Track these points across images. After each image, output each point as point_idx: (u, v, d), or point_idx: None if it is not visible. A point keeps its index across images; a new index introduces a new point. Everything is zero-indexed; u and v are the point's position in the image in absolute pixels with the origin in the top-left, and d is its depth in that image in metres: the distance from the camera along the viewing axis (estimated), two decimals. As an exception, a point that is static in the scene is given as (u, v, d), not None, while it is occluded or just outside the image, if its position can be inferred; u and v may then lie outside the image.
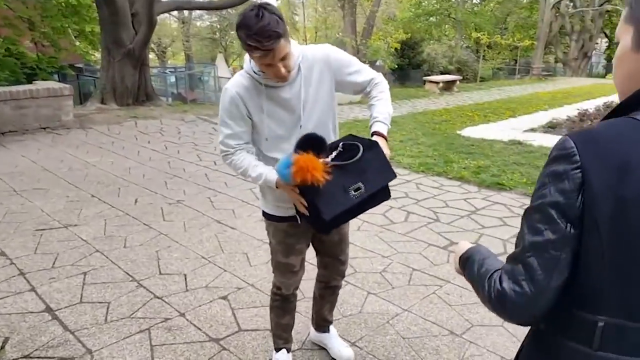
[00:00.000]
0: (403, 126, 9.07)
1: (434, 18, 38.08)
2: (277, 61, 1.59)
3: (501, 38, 26.14)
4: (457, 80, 18.38)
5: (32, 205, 4.60)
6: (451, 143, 7.62)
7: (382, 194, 1.82)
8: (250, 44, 1.52)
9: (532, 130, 9.03)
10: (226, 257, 3.54)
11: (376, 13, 22.56)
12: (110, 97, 10.89)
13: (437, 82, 17.18)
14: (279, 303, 2.20)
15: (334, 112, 1.92)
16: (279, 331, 2.27)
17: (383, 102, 1.88)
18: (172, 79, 16.48)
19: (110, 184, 5.33)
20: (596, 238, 0.78)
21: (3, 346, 2.45)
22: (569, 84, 21.37)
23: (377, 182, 1.74)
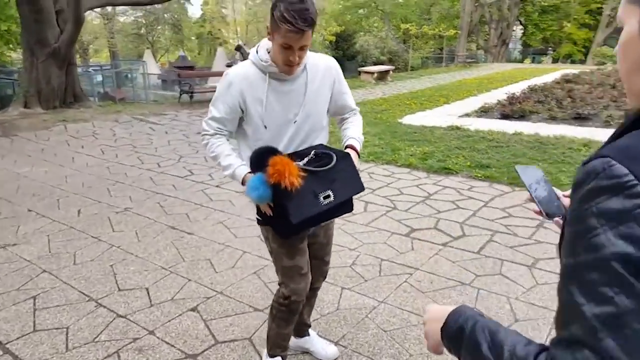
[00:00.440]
0: (346, 117, 9.13)
1: (363, 10, 38.77)
2: (297, 47, 1.61)
3: (427, 28, 27.07)
4: (390, 70, 18.85)
5: (-43, 225, 4.13)
6: (395, 131, 7.78)
7: (346, 206, 1.86)
8: (286, 17, 1.53)
9: (467, 115, 9.43)
10: (188, 266, 3.36)
11: (307, 6, 22.58)
12: (34, 101, 10.11)
13: (372, 73, 17.52)
14: (285, 314, 2.05)
15: (327, 121, 1.95)
16: (279, 340, 2.15)
17: (358, 128, 1.99)
18: (99, 78, 15.47)
19: (47, 196, 4.90)
20: None
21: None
22: (492, 70, 22.61)
23: (347, 192, 1.77)
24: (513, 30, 38.32)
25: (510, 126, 7.93)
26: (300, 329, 2.37)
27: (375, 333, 2.57)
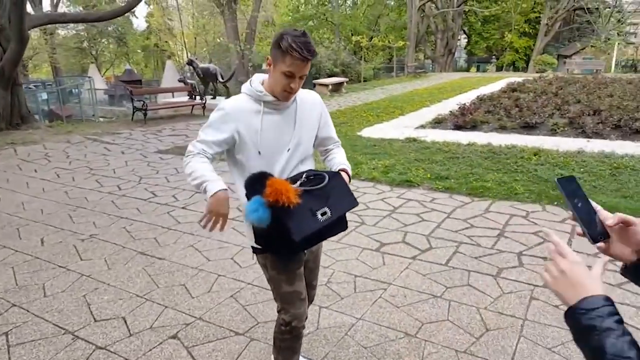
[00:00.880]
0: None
1: (313, 22, 39.27)
2: (298, 76, 1.74)
3: (378, 40, 27.77)
4: (344, 81, 19.21)
5: None
6: (355, 145, 7.96)
7: (342, 224, 1.94)
8: (294, 47, 1.67)
9: (422, 126, 9.78)
10: (163, 292, 3.33)
11: (257, 18, 22.64)
12: (-23, 124, 9.58)
13: (327, 85, 17.79)
14: (290, 342, 2.08)
15: (313, 151, 2.05)
16: None
17: (344, 157, 2.10)
18: (44, 96, 14.83)
19: (5, 225, 4.68)
20: None
21: None
22: (441, 79, 23.48)
23: (342, 208, 1.85)
24: (458, 40, 40.00)
25: (463, 137, 8.31)
26: None
27: (356, 350, 2.65)
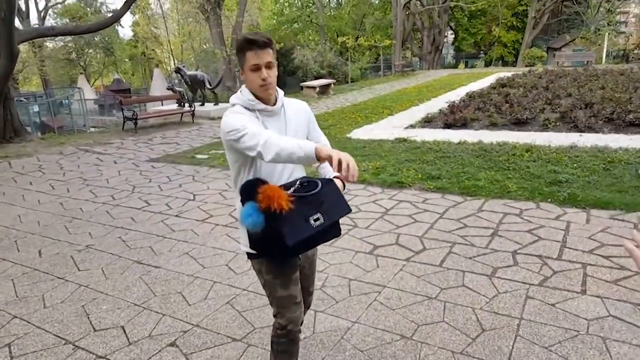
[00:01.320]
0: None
1: (298, 24, 39.31)
2: (264, 64, 1.80)
3: (363, 40, 27.82)
4: (332, 83, 19.27)
5: None
6: (345, 147, 7.99)
7: (335, 230, 1.97)
8: (249, 39, 1.80)
9: (412, 126, 9.82)
10: (160, 300, 3.34)
11: (242, 23, 22.60)
12: (-30, 139, 9.58)
13: (314, 87, 17.84)
14: (286, 346, 2.10)
15: None
16: None
17: None
18: (35, 108, 14.78)
19: (2, 238, 4.70)
20: None
21: None
22: (429, 77, 23.60)
23: (335, 214, 1.88)
24: (445, 36, 40.17)
25: (454, 135, 8.37)
26: None
27: (352, 354, 2.68)
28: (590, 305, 3.00)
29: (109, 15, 25.88)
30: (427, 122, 9.94)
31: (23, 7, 29.36)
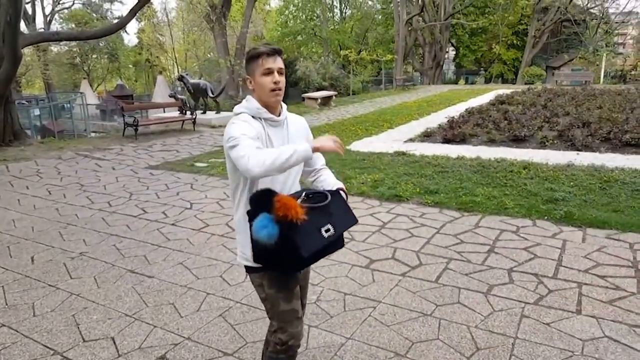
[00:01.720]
0: (296, 146, 9.27)
1: (301, 37, 39.66)
2: (276, 69, 1.87)
3: (366, 54, 28.05)
4: (333, 95, 19.36)
5: None
6: (344, 159, 7.97)
7: (339, 242, 1.96)
8: (260, 49, 1.88)
9: (411, 140, 9.85)
10: (152, 311, 3.30)
11: (246, 33, 22.78)
12: (-30, 141, 9.60)
13: (316, 99, 17.91)
14: None
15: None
16: None
17: (334, 177, 2.16)
18: (36, 112, 14.81)
19: (-6, 243, 4.65)
20: None
21: None
22: (430, 92, 23.73)
23: (344, 225, 1.89)
24: (446, 52, 40.52)
25: (452, 150, 8.38)
26: None
27: (346, 370, 2.64)
28: (585, 325, 2.98)
29: (115, 21, 26.06)
30: (427, 137, 9.98)
31: (29, 11, 29.53)
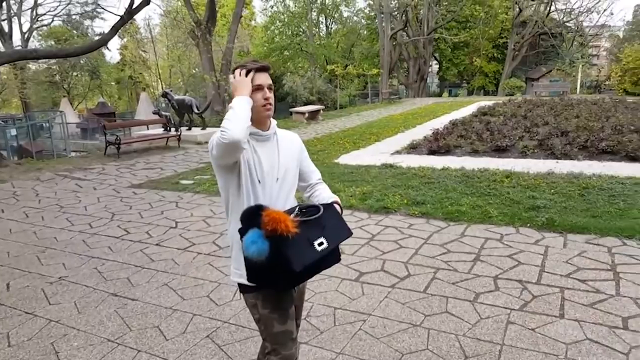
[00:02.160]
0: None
1: (287, 52, 39.95)
2: (266, 85, 1.87)
3: (352, 68, 28.35)
4: (321, 109, 19.45)
5: None
6: (333, 172, 7.99)
7: (335, 255, 1.92)
8: (247, 65, 1.87)
9: (398, 152, 9.90)
10: (136, 335, 3.21)
11: (232, 49, 22.84)
12: (-56, 164, 9.29)
13: (304, 113, 17.98)
14: None
15: (295, 188, 2.09)
16: None
17: (330, 191, 2.15)
18: (13, 132, 14.52)
19: (-32, 271, 4.48)
20: None
21: None
22: (415, 105, 24.01)
23: (338, 238, 1.86)
24: (430, 66, 41.15)
25: (438, 161, 8.44)
26: None
27: (336, 387, 2.59)
28: (568, 329, 3.02)
29: (96, 38, 25.86)
30: (413, 149, 10.05)
31: (6, 29, 29.04)
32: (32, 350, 3.08)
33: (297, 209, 1.80)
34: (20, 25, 32.84)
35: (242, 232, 1.73)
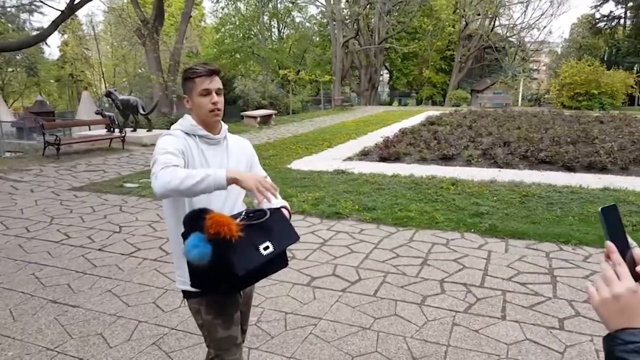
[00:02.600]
0: (234, 165, 9.14)
1: (239, 55, 39.54)
2: (214, 89, 1.83)
3: (305, 74, 28.49)
4: (273, 114, 19.38)
5: None
6: (285, 177, 7.98)
7: (282, 260, 1.90)
8: (197, 69, 1.83)
9: (350, 158, 10.04)
10: (77, 343, 3.06)
11: (181, 49, 22.35)
12: None
13: (255, 117, 17.85)
14: None
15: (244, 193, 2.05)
16: None
17: (280, 197, 2.10)
18: None
19: None
20: None
21: None
22: (366, 112, 24.45)
23: (284, 242, 1.83)
24: (381, 75, 42.14)
25: (388, 168, 8.64)
26: None
27: (287, 392, 2.59)
28: (509, 330, 3.16)
29: (34, 33, 24.41)
30: (364, 155, 10.22)
31: None
32: (-40, 363, 2.86)
33: (244, 213, 1.77)
34: (-51, 18, 30.53)
35: (185, 236, 1.68)
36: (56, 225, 5.65)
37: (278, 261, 1.85)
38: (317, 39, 43.51)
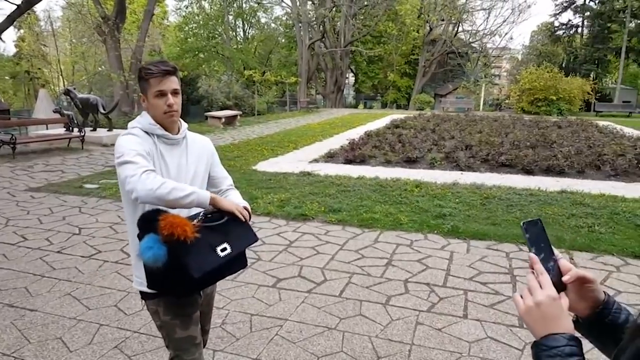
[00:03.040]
0: (198, 166, 9.01)
1: (203, 54, 38.95)
2: (170, 90, 1.78)
3: (270, 75, 28.39)
4: (238, 114, 19.23)
5: None
6: (251, 179, 7.95)
7: (241, 260, 1.92)
8: (151, 68, 1.77)
9: (316, 160, 10.09)
10: (36, 348, 2.96)
11: (142, 47, 21.86)
12: None
13: (220, 118, 17.65)
14: None
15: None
16: None
17: (240, 196, 2.11)
18: None
19: None
20: None
21: None
22: (332, 115, 24.60)
23: (242, 243, 1.84)
24: (346, 77, 42.50)
25: (353, 170, 8.74)
26: None
27: (253, 392, 2.60)
28: (471, 328, 3.27)
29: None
30: (330, 157, 10.29)
31: None
32: None
33: (201, 214, 1.77)
34: None
35: (140, 237, 1.67)
36: (12, 227, 5.43)
37: (236, 262, 1.87)
38: (283, 41, 43.46)
